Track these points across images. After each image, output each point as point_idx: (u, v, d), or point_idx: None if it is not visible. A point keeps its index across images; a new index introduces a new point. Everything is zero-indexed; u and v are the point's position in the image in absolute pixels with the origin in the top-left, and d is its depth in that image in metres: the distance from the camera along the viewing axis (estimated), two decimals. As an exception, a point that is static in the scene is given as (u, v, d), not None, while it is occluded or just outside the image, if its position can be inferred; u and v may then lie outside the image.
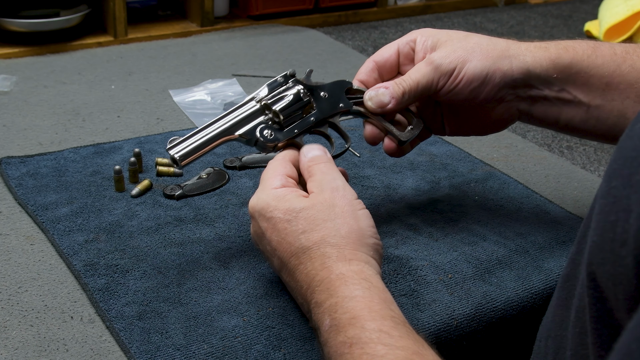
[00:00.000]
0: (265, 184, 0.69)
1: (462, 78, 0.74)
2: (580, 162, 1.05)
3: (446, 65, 0.74)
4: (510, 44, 0.76)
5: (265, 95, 0.74)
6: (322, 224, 0.64)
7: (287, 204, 0.66)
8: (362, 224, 0.66)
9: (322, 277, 0.61)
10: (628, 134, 0.45)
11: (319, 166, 0.69)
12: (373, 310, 0.57)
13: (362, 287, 0.60)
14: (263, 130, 0.72)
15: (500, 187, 0.93)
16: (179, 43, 1.49)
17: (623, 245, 0.42)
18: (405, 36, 0.79)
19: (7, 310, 0.69)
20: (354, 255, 0.63)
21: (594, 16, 1.81)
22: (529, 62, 0.74)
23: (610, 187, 0.44)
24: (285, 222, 0.65)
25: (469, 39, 0.76)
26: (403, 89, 0.74)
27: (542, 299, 0.75)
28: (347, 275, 0.61)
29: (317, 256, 0.63)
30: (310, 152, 0.71)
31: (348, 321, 0.57)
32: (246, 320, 0.68)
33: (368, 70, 0.79)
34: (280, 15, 1.68)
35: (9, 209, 0.84)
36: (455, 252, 0.79)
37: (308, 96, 0.74)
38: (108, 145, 0.99)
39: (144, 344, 0.64)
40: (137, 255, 0.76)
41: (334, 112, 0.76)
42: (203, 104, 1.15)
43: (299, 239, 0.64)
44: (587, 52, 0.75)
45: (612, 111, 0.76)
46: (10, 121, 1.07)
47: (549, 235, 0.83)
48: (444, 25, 1.81)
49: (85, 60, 1.35)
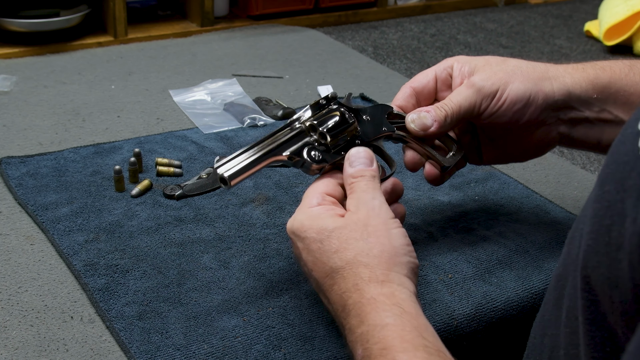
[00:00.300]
0: (303, 203, 0.67)
1: (506, 100, 0.73)
2: (580, 162, 1.05)
3: (488, 88, 0.73)
4: (549, 66, 0.75)
5: (310, 117, 0.72)
6: (354, 244, 0.62)
7: (320, 223, 0.64)
8: (395, 242, 0.63)
9: (354, 300, 0.60)
10: (620, 139, 0.45)
11: (360, 183, 0.67)
12: (405, 340, 0.56)
13: (393, 313, 0.58)
14: (310, 151, 0.69)
15: (500, 187, 0.93)
16: (179, 43, 1.49)
17: (619, 249, 0.42)
18: (442, 62, 0.78)
19: (7, 310, 0.69)
20: (386, 276, 0.61)
21: (594, 16, 1.81)
22: (569, 84, 0.74)
23: (603, 191, 0.44)
24: (318, 242, 0.63)
25: (508, 63, 0.75)
26: (445, 112, 0.73)
27: (542, 299, 0.75)
28: (378, 300, 0.59)
29: (350, 276, 0.61)
30: (355, 161, 0.69)
31: (379, 352, 0.55)
32: (246, 320, 0.68)
33: (406, 96, 0.77)
34: (280, 15, 1.68)
35: (9, 209, 0.84)
36: (455, 252, 0.79)
37: (353, 118, 0.72)
38: (108, 145, 0.99)
39: (144, 344, 0.64)
40: (137, 255, 0.76)
41: (377, 135, 0.74)
42: (203, 104, 1.15)
43: (332, 258, 0.62)
44: (624, 70, 0.75)
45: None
46: (10, 121, 1.07)
47: (549, 235, 0.83)
48: (444, 25, 1.81)
49: (85, 60, 1.35)
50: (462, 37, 1.72)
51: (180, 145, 0.99)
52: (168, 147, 0.99)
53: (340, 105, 0.73)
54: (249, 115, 1.09)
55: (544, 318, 0.58)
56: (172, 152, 0.97)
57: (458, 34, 1.75)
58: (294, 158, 0.69)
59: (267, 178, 0.91)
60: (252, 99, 1.17)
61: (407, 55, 1.63)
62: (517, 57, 0.81)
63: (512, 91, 0.73)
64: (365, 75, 1.33)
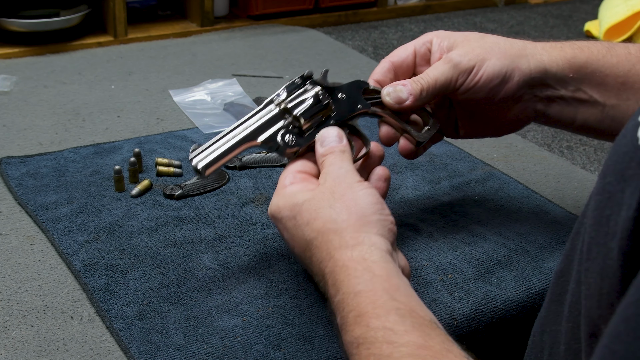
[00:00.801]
0: (278, 186, 0.69)
1: (482, 76, 0.74)
2: (580, 162, 1.05)
3: (465, 63, 0.74)
4: (527, 43, 0.76)
5: (284, 99, 0.72)
6: (322, 212, 0.64)
7: (292, 200, 0.65)
8: (362, 203, 0.64)
9: (330, 269, 0.61)
10: (623, 132, 0.45)
11: (329, 158, 0.69)
12: (377, 306, 0.57)
13: (364, 279, 0.59)
14: (284, 136, 0.70)
15: (500, 187, 0.93)
16: (179, 43, 1.49)
17: (613, 237, 0.42)
18: (421, 37, 0.79)
19: (7, 310, 0.69)
20: (355, 239, 0.62)
21: (594, 16, 1.81)
22: (546, 61, 0.75)
23: (604, 183, 0.44)
24: (292, 219, 0.65)
25: (486, 39, 0.76)
26: (421, 86, 0.74)
27: (542, 299, 0.75)
28: (350, 266, 0.60)
29: (322, 245, 0.62)
30: (325, 140, 0.70)
31: (354, 320, 0.56)
32: (246, 320, 0.68)
33: (384, 70, 0.78)
34: (280, 15, 1.68)
35: (9, 209, 0.84)
36: (455, 252, 0.79)
37: (327, 98, 0.73)
38: (108, 145, 0.99)
39: (144, 344, 0.64)
40: (137, 255, 0.76)
41: (352, 113, 0.74)
42: (203, 104, 1.15)
43: (305, 231, 0.64)
44: (602, 51, 0.76)
45: (627, 111, 0.76)
46: (10, 121, 1.07)
47: (549, 235, 0.83)
48: (444, 25, 1.81)
49: (85, 60, 1.35)
50: (462, 37, 1.72)
51: (180, 145, 0.99)
52: (168, 147, 0.99)
53: (316, 84, 0.73)
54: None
55: (542, 315, 0.58)
56: (172, 152, 0.97)
57: (458, 34, 1.75)
58: (269, 143, 0.70)
59: (267, 178, 0.91)
60: (252, 99, 1.17)
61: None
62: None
63: (488, 67, 0.74)
64: (365, 76, 1.32)
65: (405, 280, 0.61)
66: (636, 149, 0.42)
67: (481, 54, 0.74)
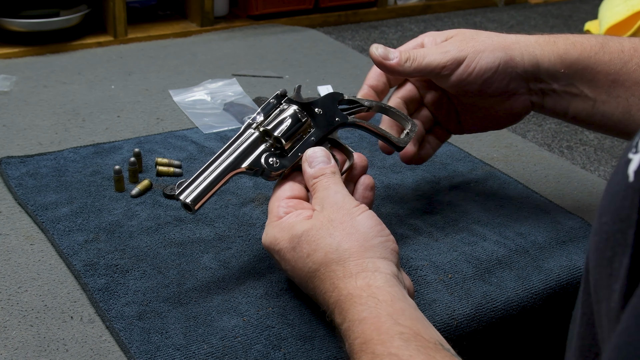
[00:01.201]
0: (271, 216, 0.68)
1: (475, 68, 0.75)
2: (580, 162, 1.05)
3: (457, 53, 0.75)
4: (520, 37, 0.77)
5: (262, 121, 0.71)
6: (322, 242, 0.63)
7: (290, 231, 0.65)
8: (362, 228, 0.64)
9: (334, 299, 0.61)
10: (615, 170, 0.44)
11: (322, 182, 0.68)
12: (381, 332, 0.56)
13: (369, 306, 0.58)
14: (268, 159, 0.70)
15: (500, 187, 0.93)
16: (179, 43, 1.49)
17: (616, 280, 0.41)
18: (411, 42, 0.79)
19: (7, 310, 0.69)
20: (359, 266, 0.62)
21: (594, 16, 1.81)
22: (538, 56, 0.76)
23: (601, 223, 0.43)
24: (291, 251, 0.64)
25: (480, 34, 0.77)
26: (409, 55, 0.75)
27: (542, 299, 0.75)
28: (355, 294, 0.60)
29: (325, 277, 0.62)
30: (314, 161, 0.70)
31: (360, 347, 0.56)
32: (246, 320, 0.68)
33: (377, 74, 0.79)
34: (280, 15, 1.68)
35: (9, 209, 0.84)
36: (455, 252, 0.79)
37: (305, 116, 0.73)
38: (108, 145, 0.99)
39: (144, 344, 0.64)
40: (137, 255, 0.76)
41: (331, 127, 0.74)
42: (203, 104, 1.15)
43: (307, 263, 0.63)
44: (594, 48, 0.76)
45: (617, 107, 0.77)
46: (10, 121, 1.07)
47: (549, 235, 0.83)
48: (444, 25, 1.81)
49: (85, 60, 1.35)
50: (462, 37, 1.72)
51: (180, 145, 0.99)
52: (168, 147, 0.99)
53: (291, 102, 0.73)
54: (249, 115, 1.09)
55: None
56: (172, 152, 0.97)
57: (458, 34, 1.75)
58: (253, 168, 0.70)
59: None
60: (252, 99, 1.17)
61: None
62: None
63: (481, 60, 0.75)
64: (365, 75, 1.33)
65: (411, 302, 0.60)
66: (627, 187, 0.41)
67: (474, 46, 0.75)
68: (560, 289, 0.77)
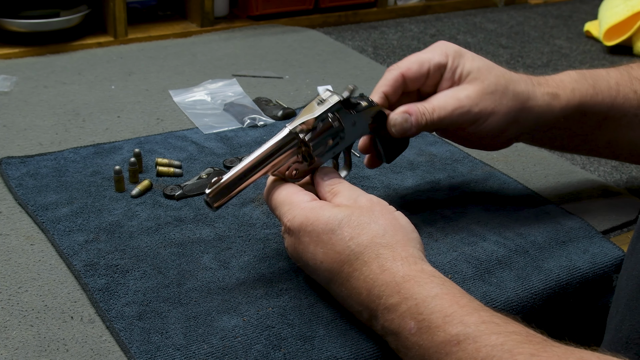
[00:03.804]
0: (294, 202, 0.68)
1: (485, 127, 0.78)
2: (580, 162, 1.05)
3: (474, 115, 0.77)
4: (531, 93, 0.79)
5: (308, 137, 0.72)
6: (367, 227, 0.64)
7: (326, 213, 0.65)
8: (402, 222, 0.67)
9: (384, 280, 0.61)
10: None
11: (343, 184, 0.70)
12: (462, 305, 0.57)
13: (436, 284, 0.60)
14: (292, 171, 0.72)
15: (500, 187, 0.93)
16: (179, 43, 1.49)
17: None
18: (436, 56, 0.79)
19: (7, 310, 0.69)
20: (406, 252, 0.63)
21: (594, 16, 1.81)
22: (544, 110, 0.79)
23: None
24: (329, 233, 0.65)
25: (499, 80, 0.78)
26: (426, 121, 0.76)
27: (542, 299, 0.75)
28: (413, 275, 0.61)
29: (372, 259, 0.63)
30: (327, 174, 0.72)
31: (443, 320, 0.56)
32: (246, 320, 0.68)
33: (396, 83, 0.79)
34: (280, 15, 1.68)
35: (9, 209, 0.84)
36: (455, 252, 0.79)
37: (342, 131, 0.74)
38: (108, 145, 0.99)
39: (144, 344, 0.64)
40: (137, 255, 0.76)
41: (354, 140, 0.77)
42: (203, 104, 1.15)
43: (348, 246, 0.64)
44: (589, 91, 0.80)
45: (604, 137, 0.83)
46: (10, 121, 1.07)
47: (549, 235, 0.83)
48: (444, 25, 1.81)
49: (85, 60, 1.35)
50: (462, 37, 1.72)
51: (180, 146, 0.99)
52: (168, 147, 0.99)
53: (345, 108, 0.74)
54: (249, 116, 1.09)
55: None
56: (172, 152, 0.98)
57: (458, 34, 1.74)
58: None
59: (266, 178, 0.91)
60: (252, 99, 1.17)
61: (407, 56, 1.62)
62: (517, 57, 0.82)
63: (493, 121, 0.77)
64: (365, 76, 1.33)
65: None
66: None
67: (489, 107, 0.77)
68: (560, 289, 0.77)
